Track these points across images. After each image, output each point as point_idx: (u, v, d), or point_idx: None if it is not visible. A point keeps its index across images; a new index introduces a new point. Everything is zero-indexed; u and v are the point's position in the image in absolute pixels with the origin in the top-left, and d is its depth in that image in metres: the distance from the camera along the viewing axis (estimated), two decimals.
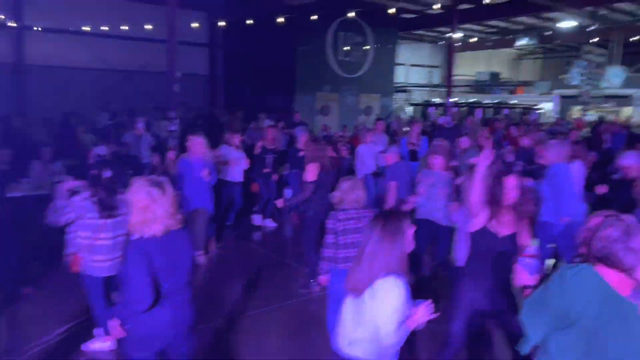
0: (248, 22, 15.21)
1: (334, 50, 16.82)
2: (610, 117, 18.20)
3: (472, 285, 3.22)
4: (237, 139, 7.62)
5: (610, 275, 1.89)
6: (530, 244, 3.05)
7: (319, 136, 13.98)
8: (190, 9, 16.26)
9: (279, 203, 5.73)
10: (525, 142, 8.05)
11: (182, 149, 6.63)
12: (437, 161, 5.21)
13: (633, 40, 20.90)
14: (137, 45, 15.86)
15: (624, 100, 20.42)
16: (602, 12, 16.73)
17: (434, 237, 5.23)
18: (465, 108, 20.89)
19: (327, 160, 5.44)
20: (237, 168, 7.39)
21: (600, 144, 11.71)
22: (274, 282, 5.66)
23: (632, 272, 1.87)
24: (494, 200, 3.18)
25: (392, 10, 14.90)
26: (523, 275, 2.27)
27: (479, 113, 20.04)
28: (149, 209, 2.52)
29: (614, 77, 19.46)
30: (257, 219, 7.98)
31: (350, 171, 8.28)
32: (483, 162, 3.09)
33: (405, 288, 2.30)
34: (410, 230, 2.40)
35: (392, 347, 2.32)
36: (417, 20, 19.24)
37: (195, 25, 16.04)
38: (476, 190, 3.11)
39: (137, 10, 15.63)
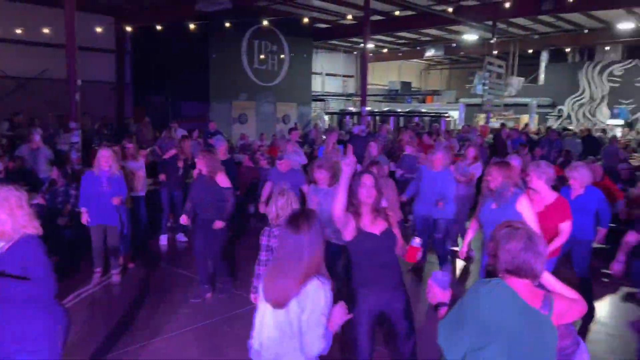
0: (158, 27, 14.64)
1: (249, 58, 16.62)
2: (511, 124, 19.60)
3: (365, 291, 3.17)
4: (143, 152, 7.16)
5: (521, 288, 1.93)
6: (415, 238, 3.21)
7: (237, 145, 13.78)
8: (94, 13, 15.37)
9: (183, 220, 5.52)
10: (408, 150, 8.37)
11: (87, 161, 6.14)
12: (321, 176, 4.87)
13: (528, 53, 22.71)
14: (36, 50, 14.70)
15: (522, 108, 22.09)
16: (501, 25, 17.97)
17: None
18: (379, 117, 21.48)
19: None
20: (139, 181, 6.89)
21: (504, 149, 12.53)
22: (187, 301, 5.36)
23: (538, 279, 1.94)
24: (353, 201, 3.16)
25: (306, 20, 15.02)
26: (436, 291, 2.24)
27: (392, 121, 20.74)
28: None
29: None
30: (163, 239, 7.52)
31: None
32: (346, 171, 2.99)
33: (329, 290, 2.21)
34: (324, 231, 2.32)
35: (320, 353, 2.21)
36: (331, 30, 19.57)
37: (99, 30, 15.17)
38: (339, 200, 3.05)
39: (34, 13, 14.52)
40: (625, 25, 17.29)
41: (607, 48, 22.09)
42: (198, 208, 5.40)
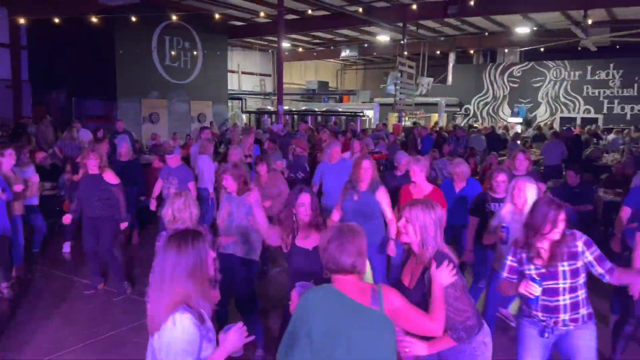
0: (57, 20, 13.64)
1: (160, 54, 15.97)
2: (422, 123, 20.45)
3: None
4: (39, 155, 6.62)
5: (348, 286, 1.96)
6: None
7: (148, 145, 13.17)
8: None
9: (66, 219, 5.47)
10: (298, 150, 8.26)
11: None
12: (227, 183, 4.26)
13: (437, 55, 23.80)
14: None
15: (432, 107, 23.11)
16: (411, 28, 18.66)
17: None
18: (297, 115, 21.54)
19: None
20: (32, 188, 6.27)
21: (416, 146, 13.05)
22: (89, 312, 5.01)
23: (362, 274, 1.99)
24: (289, 218, 3.21)
25: (217, 16, 14.70)
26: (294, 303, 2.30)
27: (310, 120, 20.89)
28: None
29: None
30: (66, 247, 6.97)
31: None
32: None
33: (195, 321, 1.96)
34: (211, 254, 2.13)
35: None
36: (246, 28, 19.31)
37: None
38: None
39: None
40: (522, 30, 18.62)
41: (506, 50, 23.66)
42: (85, 207, 5.33)
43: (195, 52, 17.10)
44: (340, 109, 22.22)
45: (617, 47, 20.37)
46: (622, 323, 3.88)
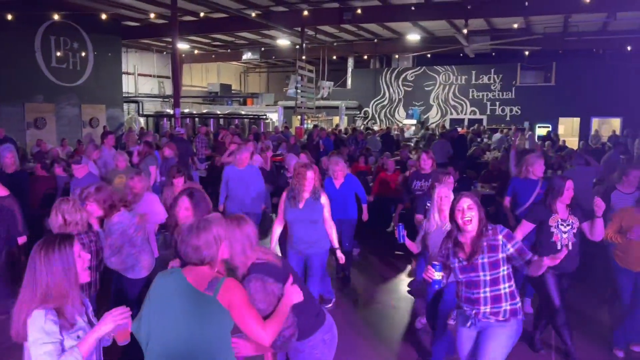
0: None
1: (45, 56, 14.92)
2: (324, 125, 20.98)
3: None
4: None
5: (193, 274, 2.18)
6: None
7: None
8: None
9: None
10: (167, 152, 8.12)
11: None
12: (92, 208, 3.92)
13: (336, 59, 24.51)
14: None
15: (334, 110, 23.79)
16: (310, 32, 19.07)
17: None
18: (198, 119, 21.12)
19: None
20: None
21: (318, 148, 13.39)
22: None
23: (213, 265, 2.20)
24: (173, 221, 3.31)
25: (104, 16, 14.07)
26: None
27: (212, 123, 20.58)
28: None
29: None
30: None
31: (67, 191, 7.39)
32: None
33: (54, 319, 2.00)
34: (84, 256, 2.14)
35: None
36: (141, 29, 18.62)
37: None
38: None
39: None
40: (413, 37, 19.77)
41: (396, 56, 24.96)
42: None
43: (84, 53, 16.18)
44: (243, 112, 22.12)
45: (493, 54, 22.26)
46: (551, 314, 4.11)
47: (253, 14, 15.53)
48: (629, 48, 19.33)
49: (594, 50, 20.78)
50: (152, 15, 15.03)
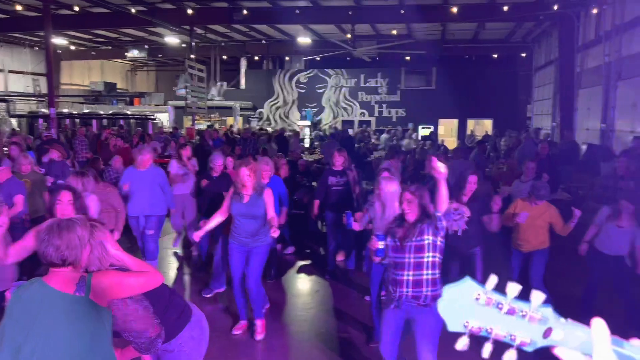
0: None
1: None
2: (218, 126, 20.63)
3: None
4: None
5: (56, 278, 2.06)
6: None
7: None
8: None
9: None
10: (53, 155, 7.55)
11: None
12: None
13: (228, 59, 24.24)
14: None
15: (227, 110, 23.47)
16: (199, 31, 18.68)
17: None
18: (79, 119, 19.77)
19: None
20: None
21: (209, 148, 13.15)
22: None
23: (77, 268, 2.10)
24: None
25: None
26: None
27: (95, 124, 19.36)
28: None
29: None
30: None
31: None
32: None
33: None
34: None
35: None
36: (9, 22, 17.03)
37: None
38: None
39: None
40: (304, 39, 20.15)
41: (288, 58, 25.32)
42: None
43: None
44: (129, 112, 21.07)
45: (377, 58, 23.41)
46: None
47: (134, 10, 14.86)
48: (495, 55, 21.39)
49: (467, 56, 22.68)
50: (19, 8, 13.80)
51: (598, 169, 8.93)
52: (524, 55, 20.05)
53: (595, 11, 11.89)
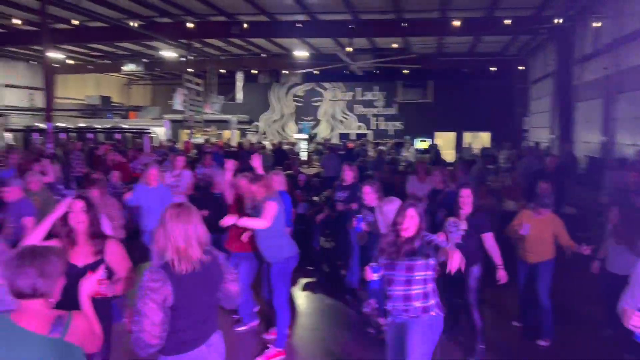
0: None
1: None
2: (215, 140, 20.53)
3: None
4: None
5: (27, 314, 1.85)
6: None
7: None
8: None
9: None
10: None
11: None
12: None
13: (225, 72, 24.21)
14: None
15: (224, 124, 23.41)
16: (197, 45, 18.66)
17: None
18: (75, 133, 19.62)
19: None
20: None
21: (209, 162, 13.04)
22: None
23: (47, 300, 1.92)
24: (65, 228, 3.06)
25: None
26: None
27: (91, 138, 19.22)
28: None
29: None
30: None
31: None
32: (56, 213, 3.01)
33: None
34: None
35: None
36: (5, 35, 16.95)
37: None
38: (37, 235, 3.01)
39: None
40: (301, 53, 20.16)
41: (285, 72, 25.29)
42: None
43: None
44: (125, 126, 20.93)
45: (376, 72, 23.45)
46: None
47: (134, 24, 14.82)
48: (492, 69, 21.48)
49: (464, 69, 22.78)
50: (17, 22, 13.72)
51: (599, 182, 8.87)
52: (521, 68, 20.13)
53: (597, 24, 11.91)
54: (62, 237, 3.01)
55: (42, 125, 20.50)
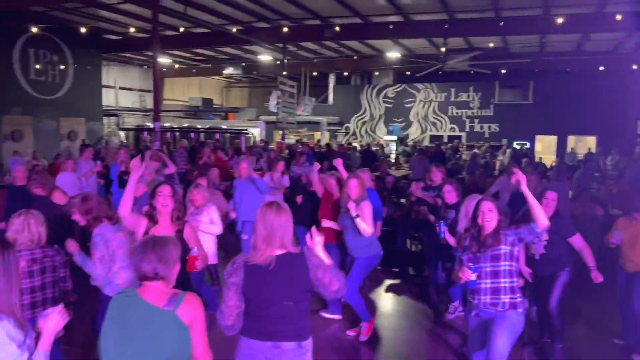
0: None
1: (23, 68, 14.80)
2: (306, 140, 21.04)
3: None
4: None
5: (149, 291, 2.16)
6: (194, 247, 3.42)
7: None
8: None
9: None
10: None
11: None
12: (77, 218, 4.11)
13: (317, 74, 24.73)
14: None
15: (315, 125, 23.90)
16: (292, 48, 19.24)
17: None
18: (179, 133, 21.06)
19: None
20: None
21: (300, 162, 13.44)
22: None
23: (168, 283, 2.21)
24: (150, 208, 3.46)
25: (84, 30, 14.08)
26: None
27: (193, 137, 20.51)
28: None
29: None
30: None
31: None
32: (133, 175, 3.39)
33: (8, 327, 2.04)
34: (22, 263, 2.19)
35: None
36: (121, 42, 18.61)
37: None
38: (125, 202, 3.34)
39: None
40: (393, 54, 20.06)
41: (377, 73, 25.26)
42: None
43: (64, 66, 16.08)
44: (224, 126, 22.10)
45: (472, 72, 22.66)
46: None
47: (234, 30, 15.63)
48: (601, 68, 19.91)
49: (569, 69, 21.33)
50: (132, 30, 15.04)
51: None
52: (635, 67, 18.45)
53: None
54: (147, 217, 3.42)
55: (150, 125, 22.27)
